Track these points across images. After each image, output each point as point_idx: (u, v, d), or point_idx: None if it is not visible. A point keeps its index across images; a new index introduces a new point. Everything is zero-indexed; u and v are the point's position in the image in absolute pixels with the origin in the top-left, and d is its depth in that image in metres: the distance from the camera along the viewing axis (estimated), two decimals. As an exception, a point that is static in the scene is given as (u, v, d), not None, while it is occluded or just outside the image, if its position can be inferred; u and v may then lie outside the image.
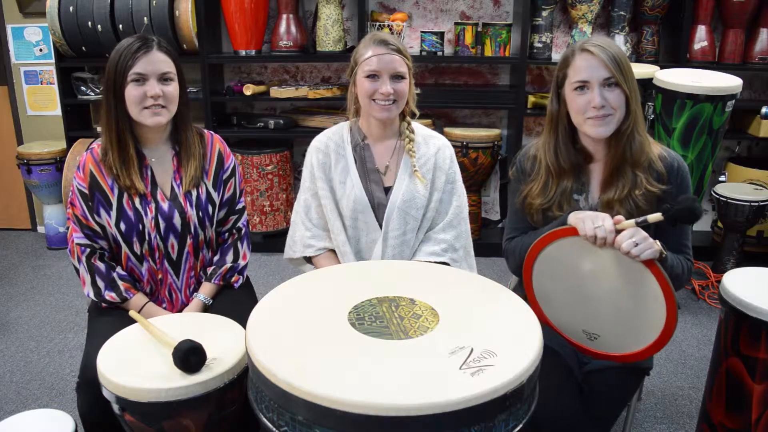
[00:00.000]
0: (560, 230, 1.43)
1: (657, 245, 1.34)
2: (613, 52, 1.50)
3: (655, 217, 1.34)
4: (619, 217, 1.38)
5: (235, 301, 1.78)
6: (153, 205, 1.70)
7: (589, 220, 1.37)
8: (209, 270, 1.81)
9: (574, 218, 1.41)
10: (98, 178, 1.68)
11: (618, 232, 1.35)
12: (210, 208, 1.77)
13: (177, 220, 1.72)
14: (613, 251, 1.37)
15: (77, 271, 1.74)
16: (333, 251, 1.90)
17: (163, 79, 1.65)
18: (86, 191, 1.69)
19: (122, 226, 1.69)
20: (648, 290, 1.35)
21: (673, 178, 1.56)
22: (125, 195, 1.69)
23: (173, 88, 1.67)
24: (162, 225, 1.70)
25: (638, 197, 1.52)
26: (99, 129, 1.73)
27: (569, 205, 1.59)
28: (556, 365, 1.51)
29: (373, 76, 1.74)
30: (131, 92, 1.62)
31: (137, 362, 1.37)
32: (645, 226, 1.36)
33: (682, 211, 1.32)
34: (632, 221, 1.35)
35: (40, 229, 4.09)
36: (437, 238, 1.85)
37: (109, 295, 1.70)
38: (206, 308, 1.77)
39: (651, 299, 1.35)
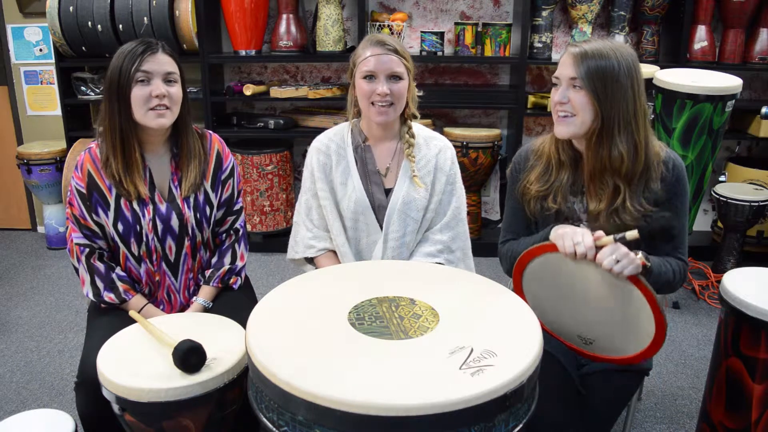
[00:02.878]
0: (543, 246, 1.43)
1: (639, 259, 1.33)
2: (589, 57, 1.45)
3: (632, 234, 1.34)
4: (599, 233, 1.37)
5: (235, 302, 1.78)
6: (151, 207, 1.69)
7: (568, 238, 1.36)
8: (207, 273, 1.80)
9: (555, 235, 1.41)
10: (96, 178, 1.68)
11: (599, 248, 1.35)
12: (208, 210, 1.77)
13: (175, 222, 1.71)
14: (595, 266, 1.37)
15: (76, 270, 1.74)
16: (334, 252, 1.89)
17: (168, 80, 1.64)
18: (84, 191, 1.68)
19: (120, 227, 1.68)
20: (634, 302, 1.35)
21: (670, 188, 1.54)
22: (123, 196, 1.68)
23: (177, 90, 1.66)
24: (159, 227, 1.70)
25: (624, 216, 1.50)
26: (100, 129, 1.70)
27: (564, 201, 1.59)
28: (552, 368, 1.51)
29: (370, 76, 1.73)
30: (137, 93, 1.61)
31: (137, 362, 1.37)
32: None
33: (657, 230, 1.33)
34: (611, 238, 1.35)
35: (40, 229, 4.09)
36: (434, 239, 1.85)
37: (108, 296, 1.70)
38: (206, 311, 1.76)
39: (638, 311, 1.35)
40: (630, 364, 1.46)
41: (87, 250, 1.70)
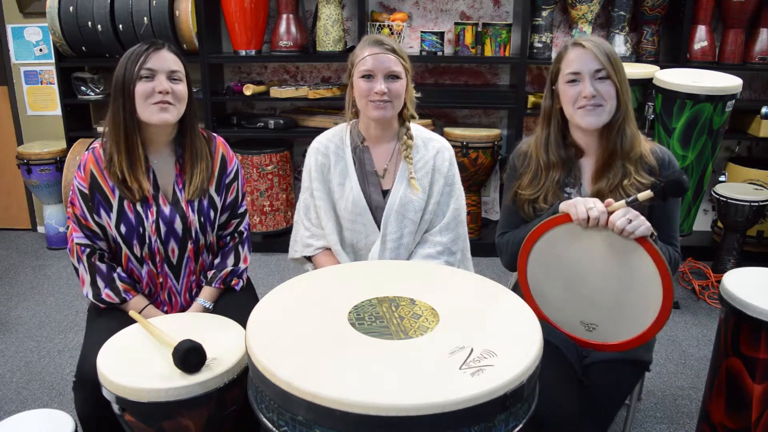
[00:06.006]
0: (552, 219, 1.46)
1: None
2: (604, 47, 1.56)
3: (645, 194, 1.37)
4: (610, 200, 1.42)
5: (237, 302, 1.78)
6: (154, 209, 1.68)
7: (581, 204, 1.41)
8: (210, 274, 1.80)
9: (565, 205, 1.45)
10: (99, 178, 1.67)
11: (609, 214, 1.39)
12: (212, 213, 1.76)
13: (178, 225, 1.70)
14: (605, 235, 1.40)
15: (76, 271, 1.73)
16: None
17: (172, 78, 1.64)
18: (86, 191, 1.67)
19: (122, 229, 1.67)
20: (642, 269, 1.37)
21: (665, 171, 1.60)
22: (126, 198, 1.68)
23: (182, 88, 1.65)
24: (163, 229, 1.69)
25: (628, 188, 1.56)
26: (100, 129, 1.71)
27: (556, 198, 1.62)
28: (555, 360, 1.51)
29: (368, 76, 1.73)
30: (140, 88, 1.61)
31: (137, 362, 1.37)
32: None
33: (671, 184, 1.35)
34: (622, 202, 1.39)
35: (40, 229, 4.09)
36: (433, 241, 1.85)
37: (107, 294, 1.68)
38: (207, 312, 1.76)
39: (646, 277, 1.37)
40: (633, 347, 1.47)
41: (88, 250, 1.70)
